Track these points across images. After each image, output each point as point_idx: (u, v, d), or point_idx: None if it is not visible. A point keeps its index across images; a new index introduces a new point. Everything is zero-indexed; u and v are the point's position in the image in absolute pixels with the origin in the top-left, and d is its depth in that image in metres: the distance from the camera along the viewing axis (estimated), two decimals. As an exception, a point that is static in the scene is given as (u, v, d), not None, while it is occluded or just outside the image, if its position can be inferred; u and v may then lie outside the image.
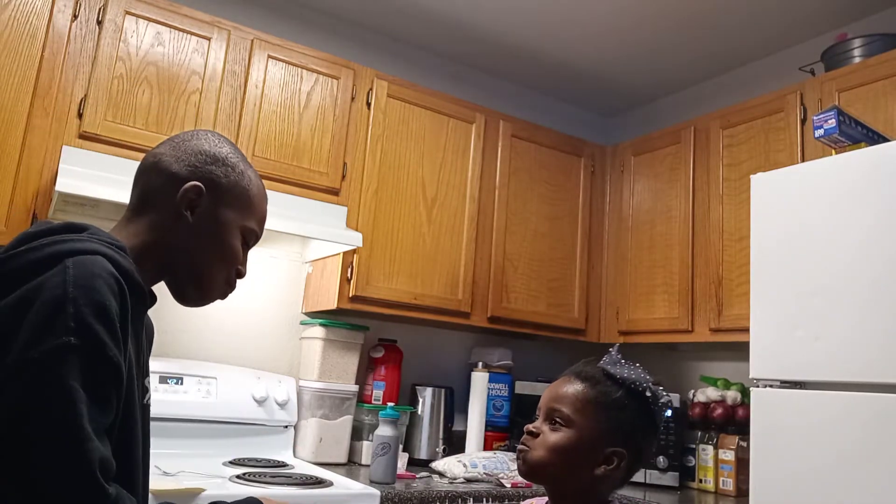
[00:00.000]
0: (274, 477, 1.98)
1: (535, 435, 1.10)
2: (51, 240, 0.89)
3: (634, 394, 1.09)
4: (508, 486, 2.29)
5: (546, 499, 1.20)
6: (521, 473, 1.11)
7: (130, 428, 0.93)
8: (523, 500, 1.27)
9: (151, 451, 1.10)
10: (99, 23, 2.12)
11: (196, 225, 1.03)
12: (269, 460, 2.30)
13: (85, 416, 0.79)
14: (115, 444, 0.88)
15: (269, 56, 2.38)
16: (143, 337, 1.04)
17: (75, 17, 2.08)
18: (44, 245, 0.88)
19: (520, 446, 1.11)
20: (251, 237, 1.10)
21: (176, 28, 2.23)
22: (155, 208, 1.03)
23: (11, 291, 0.84)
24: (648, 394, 1.09)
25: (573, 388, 1.11)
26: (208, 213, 1.04)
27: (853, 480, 1.60)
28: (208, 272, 1.06)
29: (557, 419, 1.09)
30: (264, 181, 2.27)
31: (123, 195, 1.95)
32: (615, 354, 1.14)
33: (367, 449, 2.48)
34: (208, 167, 1.05)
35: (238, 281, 1.14)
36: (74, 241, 0.89)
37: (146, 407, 1.04)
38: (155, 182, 1.04)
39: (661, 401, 1.10)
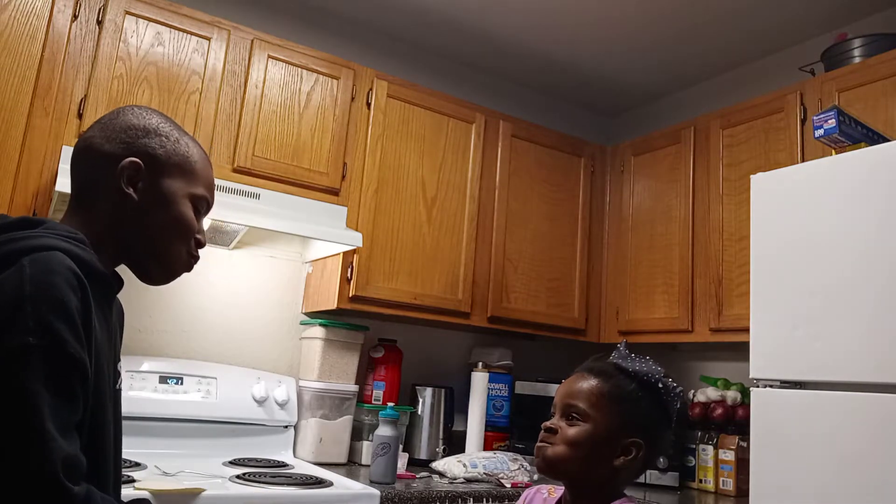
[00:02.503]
0: (274, 477, 1.98)
1: (553, 432, 1.12)
2: (6, 237, 0.88)
3: (647, 385, 1.13)
4: (508, 486, 2.29)
5: (548, 487, 1.22)
6: (540, 470, 1.13)
7: (100, 415, 0.93)
8: (527, 489, 1.27)
9: (151, 450, 1.11)
10: (99, 23, 2.12)
11: (142, 201, 1.01)
12: (269, 460, 2.29)
13: (47, 417, 0.78)
14: (85, 434, 0.88)
15: (269, 56, 2.38)
16: (112, 321, 1.03)
17: (75, 17, 2.08)
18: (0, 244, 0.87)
19: (539, 444, 1.13)
20: (202, 204, 1.08)
21: (176, 28, 2.23)
22: (97, 193, 1.01)
23: None
24: (661, 385, 1.13)
25: (587, 383, 1.14)
26: (151, 187, 1.02)
27: (853, 480, 1.60)
28: (167, 247, 1.04)
29: (574, 414, 1.12)
30: (264, 181, 2.31)
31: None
32: (623, 350, 1.18)
33: (367, 449, 2.48)
34: (141, 140, 1.02)
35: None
36: (29, 239, 0.88)
37: (118, 392, 1.04)
38: (91, 166, 1.01)
39: (674, 391, 1.14)
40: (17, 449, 0.76)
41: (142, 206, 1.01)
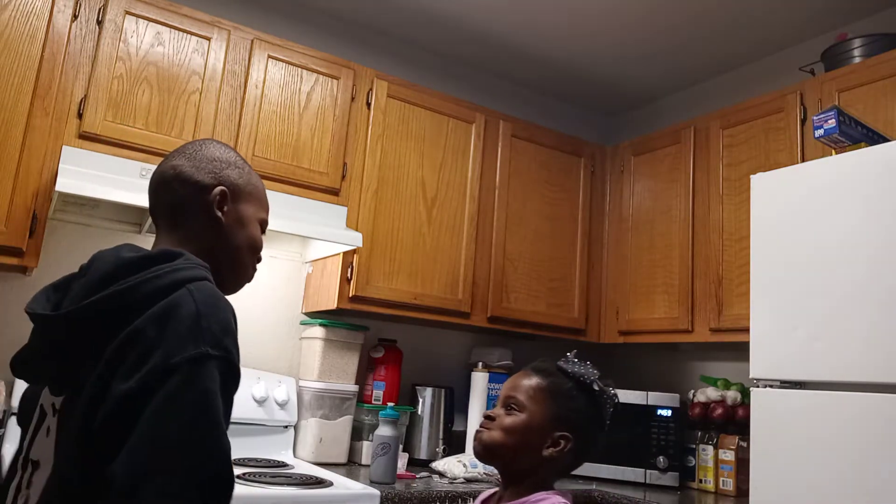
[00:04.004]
0: (274, 477, 1.98)
1: (492, 420, 1.23)
2: (169, 267, 0.99)
3: (583, 387, 1.22)
4: (508, 486, 2.29)
5: (495, 489, 1.29)
6: (476, 453, 1.24)
7: None
8: (474, 499, 1.33)
9: None
10: (99, 23, 2.12)
11: (227, 225, 1.15)
12: (269, 460, 2.30)
13: (221, 413, 0.90)
14: None
15: (269, 56, 2.38)
16: None
17: (75, 17, 2.08)
18: (165, 273, 0.99)
19: (478, 429, 1.23)
20: (265, 226, 1.23)
21: (176, 28, 2.23)
22: (189, 217, 1.13)
23: (146, 309, 0.94)
24: (596, 387, 1.22)
25: (528, 380, 1.25)
26: (234, 212, 1.16)
27: (853, 480, 1.60)
28: (243, 263, 1.19)
29: (512, 405, 1.22)
30: (264, 181, 2.30)
31: (123, 195, 1.96)
32: (571, 356, 1.28)
33: (367, 449, 2.48)
34: (226, 171, 1.17)
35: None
36: (185, 270, 1.00)
37: None
38: (182, 192, 1.13)
39: (607, 395, 1.23)
40: (199, 436, 0.86)
41: (227, 230, 1.15)
